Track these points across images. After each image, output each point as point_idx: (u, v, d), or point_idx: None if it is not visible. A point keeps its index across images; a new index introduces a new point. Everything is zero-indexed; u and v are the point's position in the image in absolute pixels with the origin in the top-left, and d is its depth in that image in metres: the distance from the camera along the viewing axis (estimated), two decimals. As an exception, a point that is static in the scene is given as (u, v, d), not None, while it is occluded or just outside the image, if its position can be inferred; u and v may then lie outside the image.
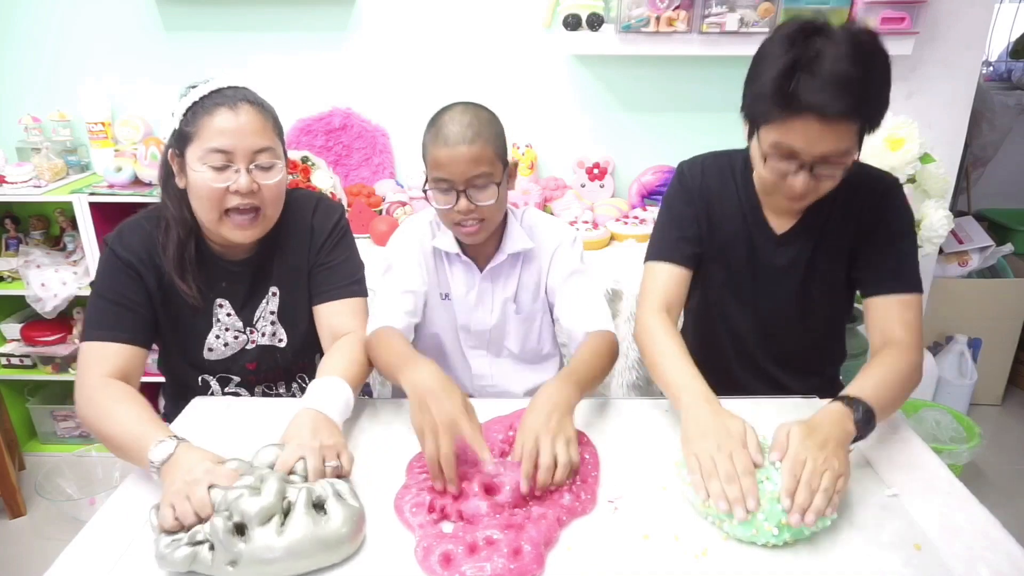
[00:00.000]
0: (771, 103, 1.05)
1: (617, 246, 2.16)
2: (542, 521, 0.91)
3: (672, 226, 1.31)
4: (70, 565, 0.88)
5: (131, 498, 1.00)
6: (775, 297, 1.30)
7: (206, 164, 1.13)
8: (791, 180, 1.10)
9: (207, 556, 0.85)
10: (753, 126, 1.14)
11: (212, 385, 1.34)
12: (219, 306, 1.28)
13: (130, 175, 2.18)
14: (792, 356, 1.36)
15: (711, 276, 1.34)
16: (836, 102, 1.01)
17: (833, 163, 1.08)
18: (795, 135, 1.05)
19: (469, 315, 1.39)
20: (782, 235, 1.26)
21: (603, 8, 2.11)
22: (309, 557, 0.85)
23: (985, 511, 0.95)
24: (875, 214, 1.21)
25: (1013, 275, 2.70)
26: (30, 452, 2.48)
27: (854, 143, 1.07)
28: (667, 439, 1.12)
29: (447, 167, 1.21)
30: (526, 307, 1.40)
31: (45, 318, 2.29)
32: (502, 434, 1.10)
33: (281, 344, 1.33)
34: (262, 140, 1.16)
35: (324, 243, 1.31)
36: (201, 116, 1.13)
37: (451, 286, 1.38)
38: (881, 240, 1.21)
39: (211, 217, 1.17)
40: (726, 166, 1.29)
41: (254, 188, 1.16)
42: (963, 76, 2.21)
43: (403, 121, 2.38)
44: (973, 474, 2.31)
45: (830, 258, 1.26)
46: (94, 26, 2.28)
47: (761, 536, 0.88)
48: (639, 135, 2.39)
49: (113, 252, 1.20)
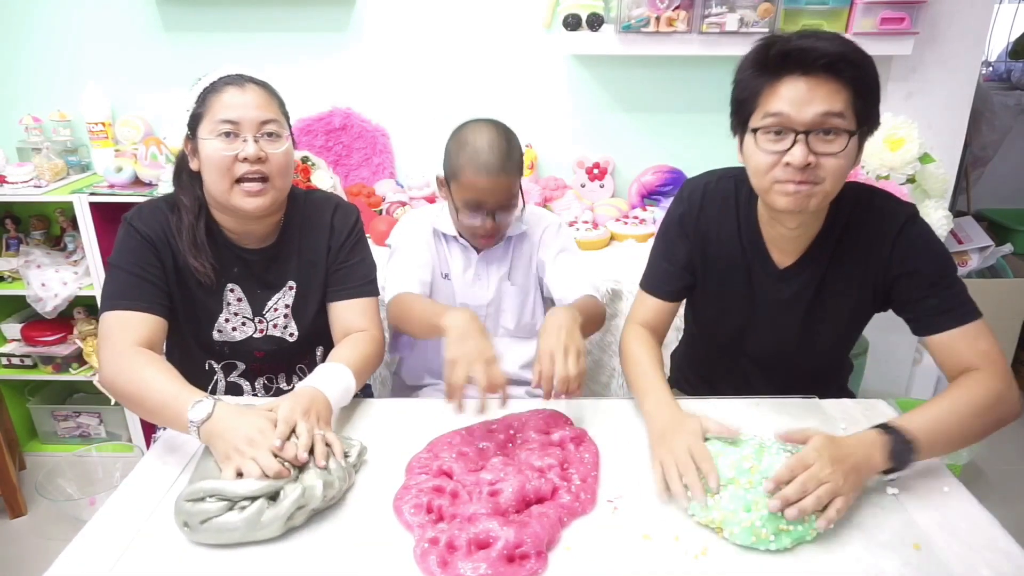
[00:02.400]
0: (752, 78, 1.05)
1: (617, 246, 2.16)
2: (544, 519, 0.91)
3: (663, 256, 1.31)
4: (70, 565, 0.88)
5: (131, 498, 1.00)
6: (776, 332, 1.27)
7: (215, 135, 1.19)
8: (788, 158, 1.02)
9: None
10: (742, 121, 1.10)
11: (217, 373, 1.37)
12: (230, 290, 1.32)
13: (130, 175, 2.17)
14: (791, 382, 1.31)
15: (706, 305, 1.33)
16: (817, 47, 0.99)
17: (829, 129, 1.01)
18: (782, 100, 1.02)
19: (467, 292, 1.49)
20: (785, 269, 1.21)
21: (603, 8, 2.11)
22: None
23: (985, 511, 0.95)
24: (903, 258, 1.13)
25: (1013, 275, 2.70)
26: (30, 452, 2.48)
27: (849, 113, 1.01)
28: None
29: (484, 193, 1.33)
30: (520, 281, 1.50)
31: (45, 318, 2.29)
32: (503, 434, 1.11)
33: (291, 338, 1.37)
34: (268, 113, 1.22)
35: (343, 243, 1.36)
36: (211, 96, 1.21)
37: (450, 266, 1.47)
38: (922, 281, 1.13)
39: (222, 187, 1.21)
40: (730, 195, 1.23)
41: (261, 156, 1.20)
42: (963, 76, 2.21)
43: (403, 121, 2.38)
44: (973, 474, 2.31)
45: (837, 294, 1.20)
46: (94, 26, 2.28)
47: (760, 543, 0.88)
48: (639, 135, 2.38)
49: (132, 227, 1.25)
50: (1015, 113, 2.96)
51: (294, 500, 0.91)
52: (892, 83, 2.21)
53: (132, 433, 2.42)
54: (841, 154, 1.03)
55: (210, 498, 0.90)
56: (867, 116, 1.05)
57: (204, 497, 0.91)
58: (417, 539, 0.90)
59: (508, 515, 0.93)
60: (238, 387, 1.39)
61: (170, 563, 0.88)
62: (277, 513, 0.90)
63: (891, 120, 1.87)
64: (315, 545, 0.91)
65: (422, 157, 2.41)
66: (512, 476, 0.97)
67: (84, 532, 0.93)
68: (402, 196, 2.28)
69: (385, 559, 0.88)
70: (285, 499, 0.91)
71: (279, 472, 0.93)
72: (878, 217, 1.15)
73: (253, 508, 0.89)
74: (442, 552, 0.86)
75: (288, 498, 0.91)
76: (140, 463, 1.09)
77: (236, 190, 1.21)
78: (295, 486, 0.92)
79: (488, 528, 0.88)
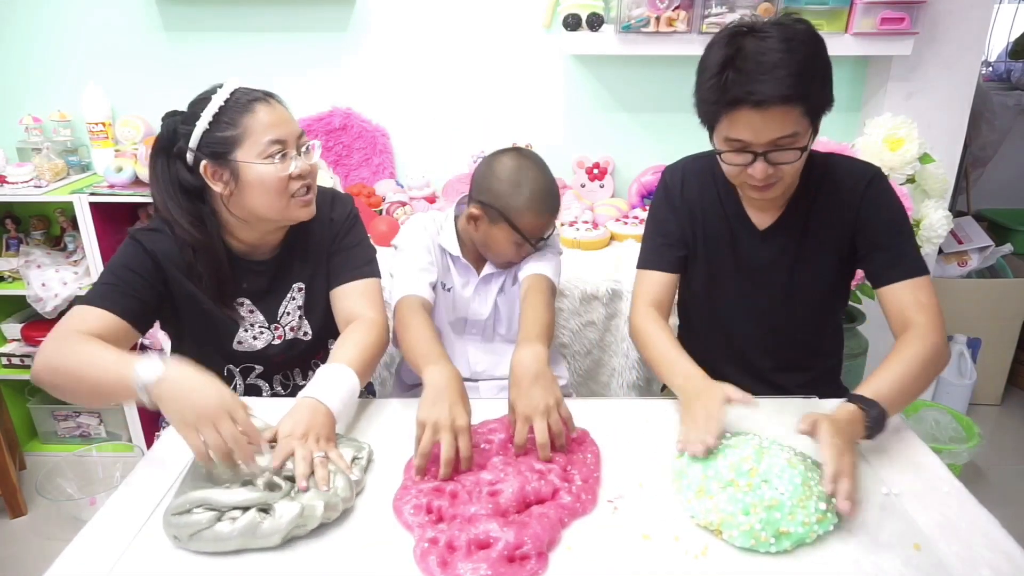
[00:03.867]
0: (709, 105, 1.13)
1: (617, 246, 2.15)
2: (544, 519, 0.91)
3: (656, 233, 1.38)
4: (70, 565, 0.88)
5: (131, 498, 1.00)
6: (762, 292, 1.33)
7: (265, 156, 1.16)
8: (750, 171, 1.14)
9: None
10: (707, 127, 1.19)
11: (236, 377, 1.37)
12: (239, 304, 1.31)
13: (130, 175, 2.17)
14: (784, 352, 1.37)
15: (698, 276, 1.38)
16: (764, 88, 1.05)
17: (785, 148, 1.11)
18: (739, 128, 1.11)
19: (467, 307, 1.49)
20: (764, 230, 1.29)
21: (603, 8, 2.11)
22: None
23: (985, 511, 0.95)
24: (867, 207, 1.23)
25: (1012, 275, 2.70)
26: (31, 452, 2.49)
27: (802, 126, 1.10)
28: (667, 439, 1.12)
29: (536, 230, 1.37)
30: (509, 291, 1.50)
31: (46, 318, 2.29)
32: (503, 433, 1.11)
33: (306, 337, 1.38)
34: (298, 125, 1.23)
35: (340, 230, 1.36)
36: (243, 116, 1.15)
37: (451, 279, 1.48)
38: (879, 232, 1.23)
39: (278, 206, 1.20)
40: (707, 168, 1.33)
41: (311, 170, 1.23)
42: (963, 76, 2.21)
43: (403, 121, 2.38)
44: (973, 474, 2.31)
45: (817, 251, 1.28)
46: (94, 26, 2.28)
47: (760, 546, 0.88)
48: (639, 135, 2.39)
49: (138, 242, 1.20)
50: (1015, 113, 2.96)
51: (292, 519, 0.89)
52: (892, 83, 2.21)
53: (132, 433, 2.42)
54: (799, 159, 1.13)
55: (197, 509, 0.89)
56: (821, 109, 1.12)
57: (191, 509, 0.89)
58: (417, 539, 0.90)
59: (508, 516, 0.93)
60: (256, 388, 1.38)
61: (170, 563, 0.88)
62: (276, 527, 0.88)
63: (891, 120, 1.87)
64: (315, 545, 0.91)
65: (422, 157, 2.41)
66: (512, 477, 0.97)
67: (84, 532, 0.93)
68: (402, 196, 2.28)
69: (385, 559, 0.88)
70: (283, 516, 0.89)
71: (241, 446, 0.92)
72: (847, 174, 1.25)
73: (245, 520, 0.88)
74: (442, 552, 0.86)
75: (286, 516, 0.89)
76: (140, 463, 1.09)
77: (292, 204, 1.21)
78: (293, 504, 0.90)
79: (488, 529, 0.88)
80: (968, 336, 2.61)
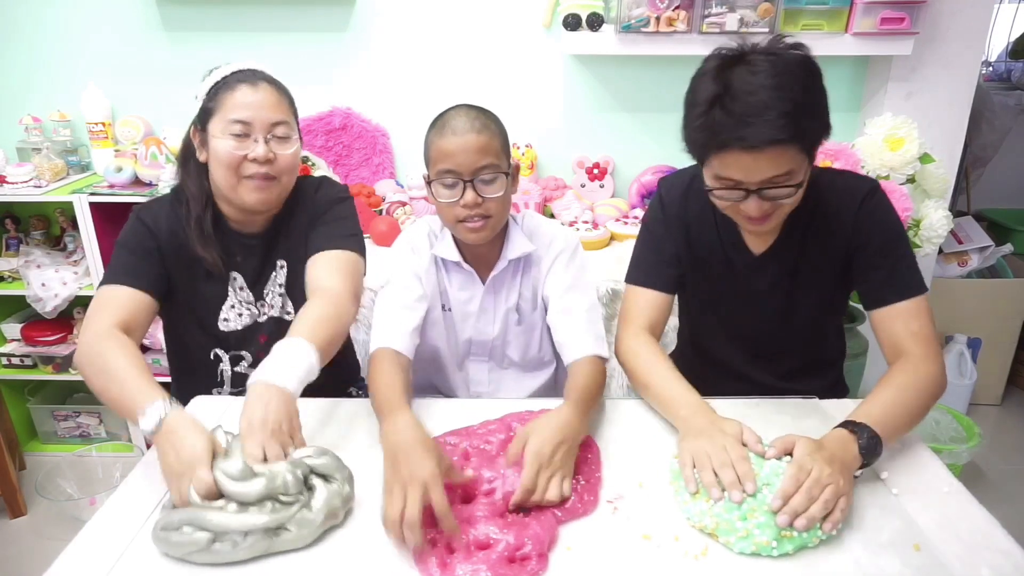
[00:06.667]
0: (699, 144, 1.08)
1: (617, 246, 2.15)
2: (544, 520, 0.91)
3: (651, 250, 1.31)
4: (70, 565, 0.88)
5: (131, 498, 1.00)
6: (760, 317, 1.29)
7: (227, 134, 1.21)
8: (744, 207, 1.09)
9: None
10: (697, 162, 1.14)
11: (223, 362, 1.38)
12: (233, 279, 1.34)
13: (130, 175, 2.18)
14: (785, 371, 1.34)
15: (694, 300, 1.35)
16: (755, 133, 1.00)
17: (780, 185, 1.06)
18: (730, 168, 1.06)
19: (472, 326, 1.37)
20: (760, 255, 1.25)
21: (603, 8, 2.11)
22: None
23: (985, 511, 0.95)
24: (861, 225, 1.17)
25: (1012, 275, 2.70)
26: (31, 452, 2.49)
27: (797, 162, 1.04)
28: (667, 439, 1.12)
29: (454, 157, 1.20)
30: (526, 317, 1.38)
31: (45, 318, 2.29)
32: (503, 433, 1.10)
33: (288, 317, 1.38)
34: (278, 114, 1.25)
35: (323, 208, 1.36)
36: (223, 92, 1.23)
37: (451, 297, 1.36)
38: (872, 251, 1.17)
39: (230, 183, 1.24)
40: (704, 192, 1.26)
41: (270, 157, 1.23)
42: (963, 76, 2.21)
43: (403, 121, 2.38)
44: (973, 474, 2.31)
45: (814, 273, 1.24)
46: (94, 26, 2.28)
47: (763, 550, 0.87)
48: (639, 135, 2.39)
49: (139, 218, 1.29)
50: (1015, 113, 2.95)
51: (289, 540, 0.89)
52: (892, 83, 2.21)
53: (132, 433, 2.42)
54: (795, 194, 1.08)
55: (187, 528, 0.87)
56: (817, 142, 1.07)
57: (180, 527, 0.87)
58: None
59: (507, 516, 0.92)
60: (243, 376, 1.38)
61: (170, 564, 0.88)
62: (270, 547, 0.89)
63: (891, 120, 1.87)
64: (314, 546, 0.91)
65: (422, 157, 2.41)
66: (512, 476, 0.97)
67: (84, 532, 0.93)
68: (402, 196, 2.28)
69: (385, 560, 0.88)
70: (278, 537, 0.89)
71: (211, 492, 0.89)
72: (841, 194, 1.19)
73: (246, 545, 0.87)
74: (442, 553, 0.86)
75: (281, 537, 0.89)
76: (140, 463, 1.08)
77: (243, 185, 1.24)
78: (290, 535, 0.89)
79: (488, 530, 0.88)
80: (968, 336, 2.61)
